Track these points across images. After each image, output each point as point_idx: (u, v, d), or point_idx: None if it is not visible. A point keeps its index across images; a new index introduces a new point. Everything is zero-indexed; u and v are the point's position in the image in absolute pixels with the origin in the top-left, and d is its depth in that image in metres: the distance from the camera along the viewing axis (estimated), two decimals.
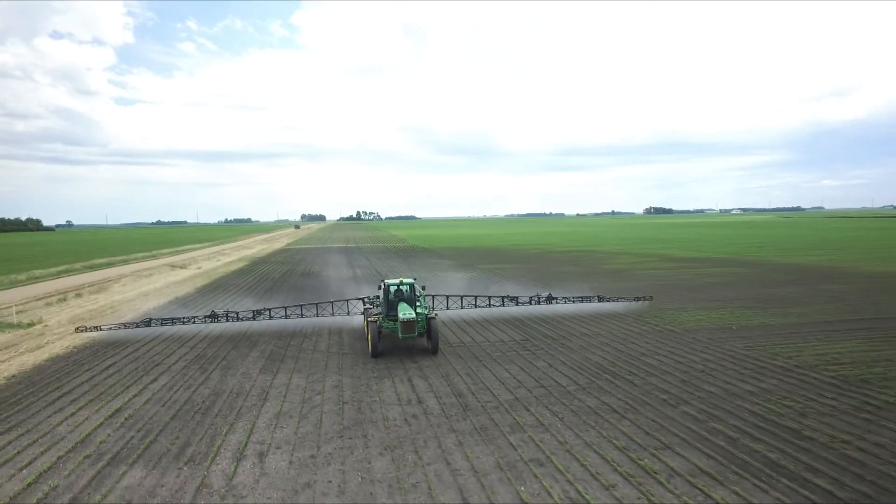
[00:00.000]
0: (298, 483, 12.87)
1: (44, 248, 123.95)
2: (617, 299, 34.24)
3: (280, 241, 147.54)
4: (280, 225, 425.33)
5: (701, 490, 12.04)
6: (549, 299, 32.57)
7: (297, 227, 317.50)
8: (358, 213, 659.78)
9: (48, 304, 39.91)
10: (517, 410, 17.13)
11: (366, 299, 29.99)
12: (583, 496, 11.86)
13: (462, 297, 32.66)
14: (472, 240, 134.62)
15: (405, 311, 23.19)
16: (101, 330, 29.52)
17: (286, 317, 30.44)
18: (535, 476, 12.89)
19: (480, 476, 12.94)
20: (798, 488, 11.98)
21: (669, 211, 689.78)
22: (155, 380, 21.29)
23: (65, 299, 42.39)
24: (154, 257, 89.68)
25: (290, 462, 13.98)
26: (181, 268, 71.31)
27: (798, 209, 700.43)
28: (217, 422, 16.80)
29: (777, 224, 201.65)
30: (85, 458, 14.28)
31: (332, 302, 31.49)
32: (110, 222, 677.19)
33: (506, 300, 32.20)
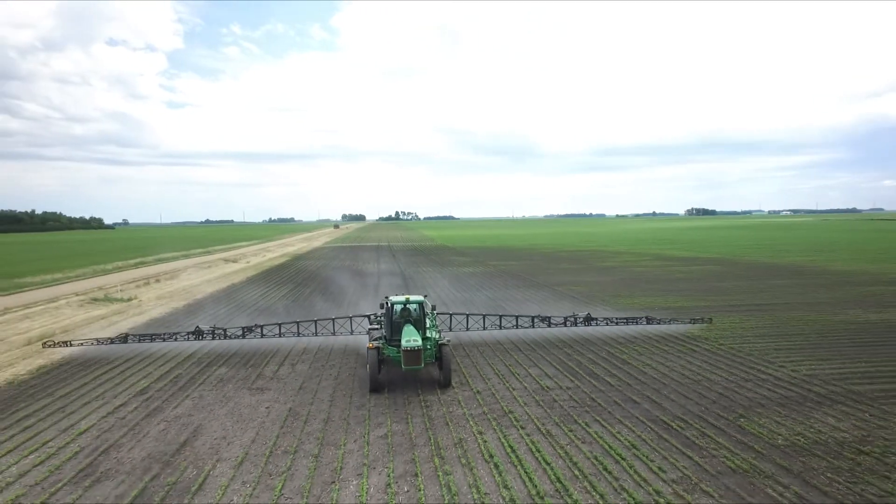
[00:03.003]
0: None
1: (112, 244, 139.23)
2: (669, 321, 29.10)
3: (319, 240, 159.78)
4: (321, 224, 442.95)
5: None
6: (588, 320, 27.85)
7: (336, 226, 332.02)
8: (397, 213, 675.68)
9: (137, 287, 51.26)
10: None
11: (371, 317, 26.67)
12: None
13: (484, 316, 28.23)
14: (496, 240, 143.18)
15: (410, 338, 19.09)
16: (71, 346, 25.93)
17: (280, 335, 26.53)
18: None
19: None
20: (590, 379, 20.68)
21: (713, 212, 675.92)
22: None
23: (148, 283, 53.81)
24: (209, 253, 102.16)
25: None
26: (233, 262, 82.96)
27: (854, 210, 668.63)
28: None
29: (811, 226, 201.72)
30: None
31: (333, 319, 27.27)
32: (163, 220, 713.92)
33: (536, 321, 27.73)
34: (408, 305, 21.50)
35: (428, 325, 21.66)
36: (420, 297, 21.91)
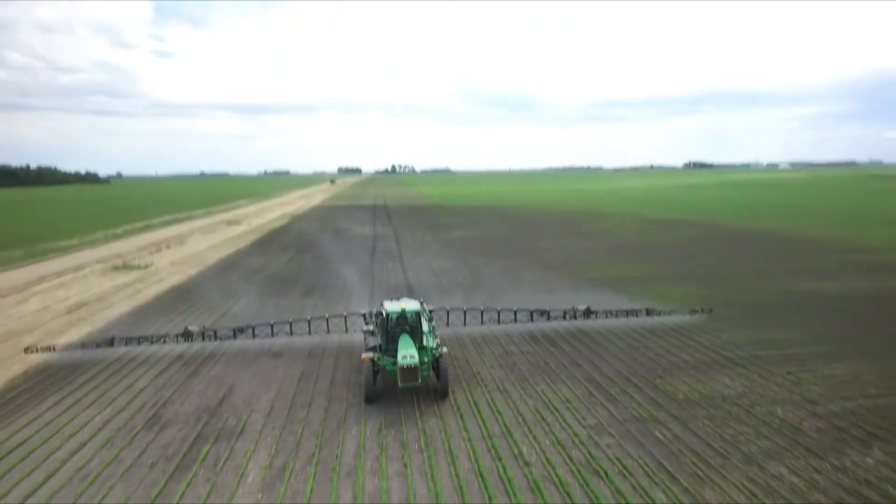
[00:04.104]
0: None
1: (113, 202, 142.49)
2: (670, 312, 29.05)
3: (316, 198, 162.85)
4: (317, 178, 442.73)
5: None
6: (588, 314, 28.25)
7: (332, 181, 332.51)
8: (393, 166, 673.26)
9: (150, 253, 55.40)
10: None
11: (366, 315, 25.71)
12: None
13: (482, 310, 28.26)
14: (490, 198, 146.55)
15: (406, 354, 18.66)
16: (54, 351, 24.53)
17: (272, 335, 26.05)
18: None
19: None
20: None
21: (710, 166, 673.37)
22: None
23: (160, 249, 57.92)
24: (211, 214, 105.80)
25: None
26: (236, 224, 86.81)
27: (851, 164, 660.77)
28: None
29: (801, 185, 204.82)
30: None
31: (326, 318, 27.03)
32: (159, 173, 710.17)
33: (535, 315, 28.23)
34: (404, 314, 20.43)
35: (425, 331, 20.81)
36: (416, 306, 21.07)
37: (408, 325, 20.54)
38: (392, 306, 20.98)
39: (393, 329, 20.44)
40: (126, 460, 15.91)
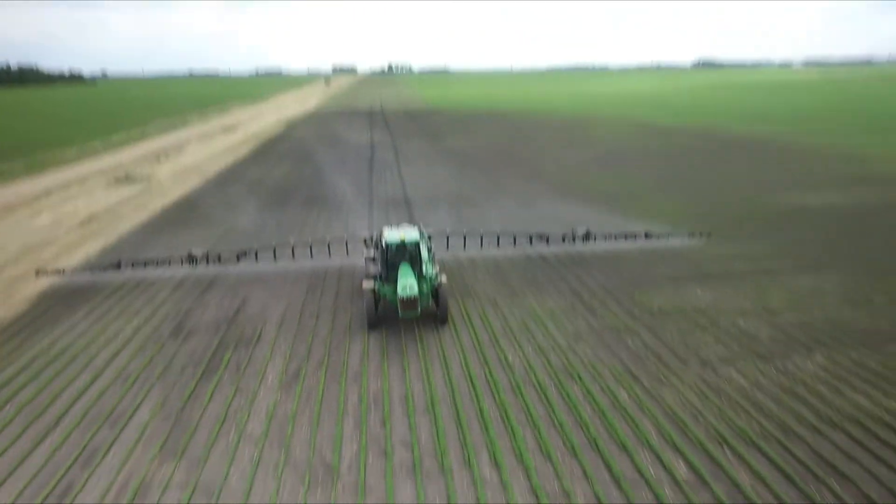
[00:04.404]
0: None
1: (103, 105, 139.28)
2: (668, 236, 29.08)
3: (311, 101, 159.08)
4: (311, 78, 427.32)
5: None
6: (586, 237, 28.48)
7: (327, 82, 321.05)
8: (390, 66, 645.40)
9: (150, 164, 55.93)
10: None
11: (367, 240, 25.67)
12: None
13: (482, 235, 28.60)
14: (490, 101, 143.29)
15: (405, 285, 19.02)
16: (64, 274, 25.36)
17: (275, 259, 26.63)
18: None
19: None
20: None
21: (720, 65, 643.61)
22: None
23: (159, 160, 58.37)
24: (205, 120, 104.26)
25: None
26: (232, 131, 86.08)
27: (868, 63, 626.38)
28: None
29: (809, 87, 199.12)
30: None
31: (328, 243, 27.50)
32: (145, 71, 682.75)
33: (534, 239, 28.59)
34: (404, 244, 20.58)
35: (425, 259, 20.92)
36: (415, 235, 21.14)
37: (407, 254, 20.59)
38: (392, 236, 20.95)
39: (393, 258, 20.53)
40: (158, 365, 18.07)
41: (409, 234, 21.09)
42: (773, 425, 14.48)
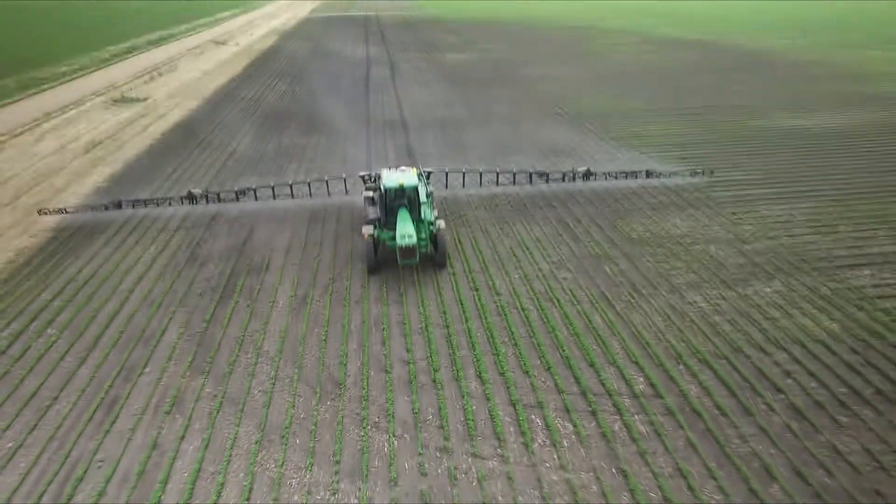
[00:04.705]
0: None
1: (84, 13, 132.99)
2: (669, 175, 28.75)
3: (304, 7, 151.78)
4: None
5: None
6: (587, 175, 28.37)
7: None
8: None
9: (145, 83, 55.29)
10: None
11: (366, 177, 25.07)
12: None
13: (481, 173, 28.29)
14: (492, 8, 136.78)
15: (404, 233, 19.37)
16: (66, 213, 25.74)
17: (273, 197, 26.81)
18: None
19: None
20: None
21: None
22: None
23: (153, 77, 57.59)
24: (195, 31, 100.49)
25: None
26: (223, 44, 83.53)
27: None
28: None
29: None
30: None
31: (325, 181, 27.33)
32: None
33: (534, 176, 28.42)
34: (402, 188, 20.62)
35: (423, 202, 21.07)
36: (414, 179, 21.01)
37: (406, 198, 20.80)
38: (390, 180, 20.85)
39: (391, 203, 20.78)
40: (179, 290, 19.93)
41: (407, 178, 20.91)
42: (725, 345, 16.54)
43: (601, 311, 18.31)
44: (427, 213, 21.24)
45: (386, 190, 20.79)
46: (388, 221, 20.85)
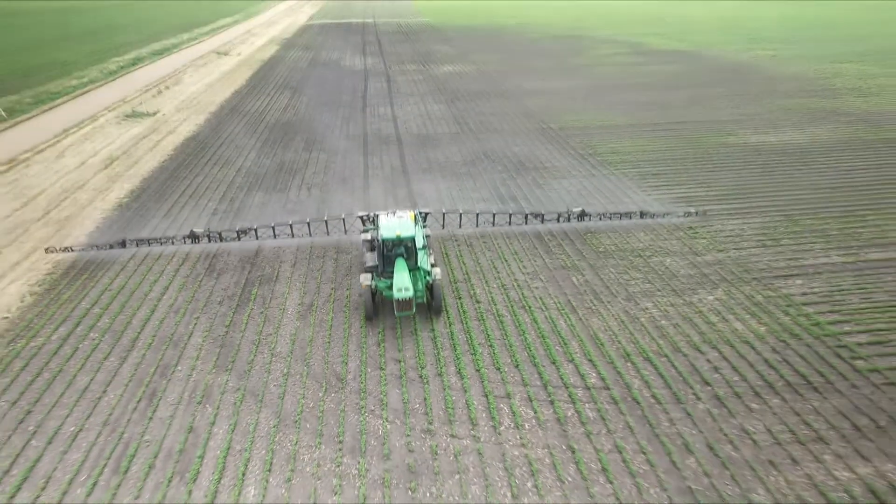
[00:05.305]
0: None
1: (87, 18, 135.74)
2: (664, 215, 29.40)
3: (302, 14, 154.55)
4: None
5: None
6: (582, 216, 28.84)
7: None
8: None
9: (153, 97, 58.21)
10: None
11: (364, 217, 25.97)
12: None
13: (478, 214, 28.70)
14: (488, 13, 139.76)
15: (401, 286, 19.76)
16: (72, 251, 26.52)
17: (274, 236, 27.02)
18: None
19: None
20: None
21: None
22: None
23: (160, 92, 60.49)
24: (197, 39, 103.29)
25: None
26: (225, 54, 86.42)
27: None
28: None
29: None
30: None
31: (325, 220, 27.57)
32: None
33: (529, 217, 28.76)
34: (400, 239, 20.92)
35: (419, 247, 21.79)
36: (411, 229, 21.11)
37: (403, 247, 21.17)
38: (387, 230, 21.11)
39: (388, 252, 21.18)
40: (200, 299, 22.91)
41: (404, 227, 21.12)
42: (668, 345, 19.59)
43: (565, 316, 21.35)
44: (423, 260, 21.72)
45: (384, 241, 21.06)
46: (385, 270, 21.28)
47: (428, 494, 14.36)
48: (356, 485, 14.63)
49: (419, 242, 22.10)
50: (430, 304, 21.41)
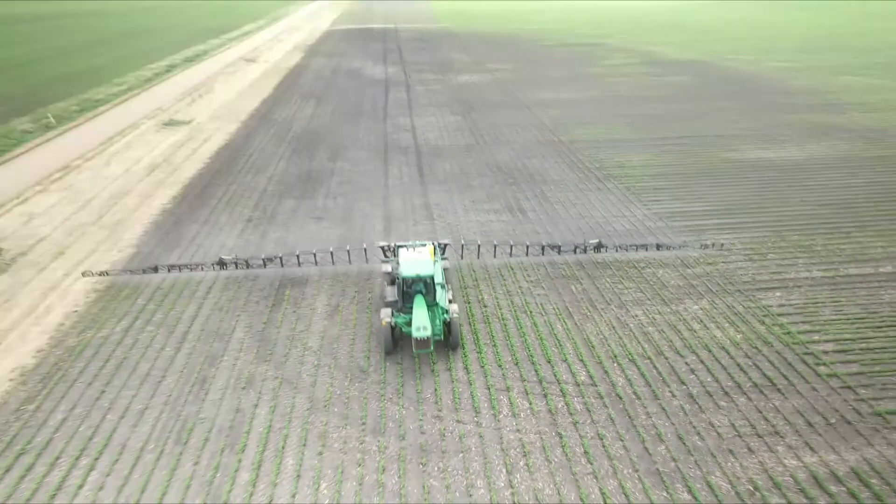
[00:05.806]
0: None
1: (118, 23, 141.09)
2: (680, 247, 29.72)
3: (324, 19, 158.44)
4: None
5: None
6: (598, 248, 29.36)
7: None
8: None
9: (187, 105, 61.92)
10: None
11: (385, 248, 27.09)
12: None
13: (496, 245, 29.45)
14: (506, 19, 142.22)
15: (419, 325, 20.44)
16: (108, 275, 28.11)
17: (298, 264, 28.31)
18: None
19: None
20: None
21: None
22: None
23: (194, 100, 64.20)
24: (225, 46, 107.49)
25: None
26: (253, 61, 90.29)
27: None
28: None
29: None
30: None
31: (347, 250, 28.74)
32: None
33: (546, 248, 29.44)
34: (419, 277, 21.82)
35: (438, 283, 22.65)
36: (430, 268, 22.06)
37: (422, 285, 22.13)
38: (407, 267, 22.06)
39: (408, 289, 22.16)
40: (240, 299, 25.95)
41: (423, 266, 22.12)
42: (652, 349, 22.13)
43: (562, 320, 23.99)
44: (442, 297, 22.58)
45: (403, 279, 22.05)
46: (404, 307, 22.25)
47: (436, 469, 17.13)
48: (376, 459, 17.46)
49: (438, 279, 22.79)
50: (447, 339, 22.04)
